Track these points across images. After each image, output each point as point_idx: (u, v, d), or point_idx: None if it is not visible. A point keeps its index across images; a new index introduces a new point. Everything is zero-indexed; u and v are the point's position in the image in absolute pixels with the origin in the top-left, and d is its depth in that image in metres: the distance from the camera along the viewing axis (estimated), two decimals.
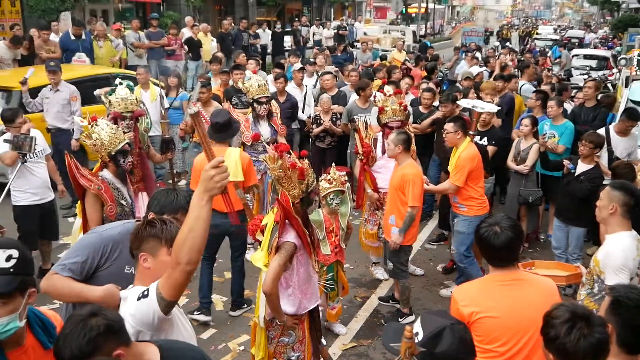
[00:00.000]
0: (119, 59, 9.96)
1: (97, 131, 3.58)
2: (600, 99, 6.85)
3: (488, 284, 2.41)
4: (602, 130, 5.42)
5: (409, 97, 6.83)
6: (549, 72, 10.75)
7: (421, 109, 6.42)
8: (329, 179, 3.81)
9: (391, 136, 4.34)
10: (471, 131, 4.71)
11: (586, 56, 16.40)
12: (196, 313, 4.30)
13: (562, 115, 5.84)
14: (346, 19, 24.84)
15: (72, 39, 9.37)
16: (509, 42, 25.63)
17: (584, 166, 4.78)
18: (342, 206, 3.88)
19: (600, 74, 13.81)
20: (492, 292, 2.33)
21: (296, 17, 20.35)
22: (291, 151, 3.00)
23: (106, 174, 3.57)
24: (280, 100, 6.30)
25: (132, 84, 4.77)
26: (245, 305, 4.46)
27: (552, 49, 19.36)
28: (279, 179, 2.95)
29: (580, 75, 13.84)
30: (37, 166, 4.70)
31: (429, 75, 9.03)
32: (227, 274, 4.77)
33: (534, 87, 7.89)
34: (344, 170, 3.92)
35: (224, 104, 6.36)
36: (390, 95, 4.90)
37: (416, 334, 1.71)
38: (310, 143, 6.71)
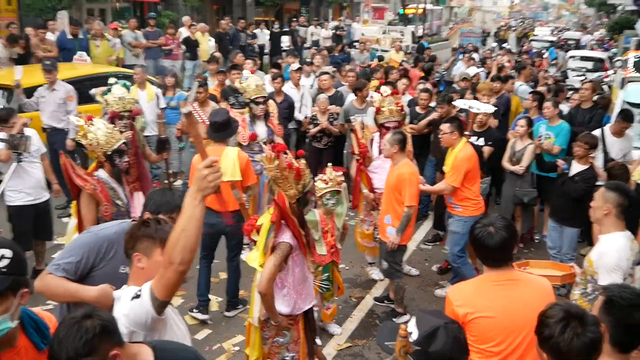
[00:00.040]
0: (115, 58, 9.94)
1: (93, 131, 3.57)
2: (596, 100, 6.88)
3: (483, 284, 2.41)
4: (597, 132, 5.45)
5: (406, 98, 6.84)
6: (546, 74, 10.78)
7: (418, 109, 6.43)
8: (325, 179, 3.81)
9: (387, 136, 4.36)
10: (467, 132, 4.72)
11: (582, 58, 16.45)
12: (194, 311, 4.32)
13: (558, 116, 5.87)
14: (344, 20, 24.83)
15: (69, 38, 9.34)
16: (506, 43, 25.68)
17: (578, 167, 4.81)
18: (338, 206, 3.89)
19: (596, 75, 13.84)
20: (486, 292, 2.33)
21: (294, 18, 20.31)
22: (288, 151, 3.00)
23: (102, 173, 3.56)
24: (277, 100, 6.30)
25: (129, 83, 4.77)
26: (241, 306, 4.46)
27: (548, 51, 19.42)
28: (275, 179, 2.95)
29: (577, 76, 13.87)
30: (32, 166, 4.67)
31: (426, 76, 9.05)
32: (223, 275, 4.76)
33: (531, 88, 7.89)
34: (340, 171, 3.92)
35: (221, 104, 6.36)
36: (387, 95, 4.90)
37: (410, 333, 1.72)
38: (307, 143, 6.71)
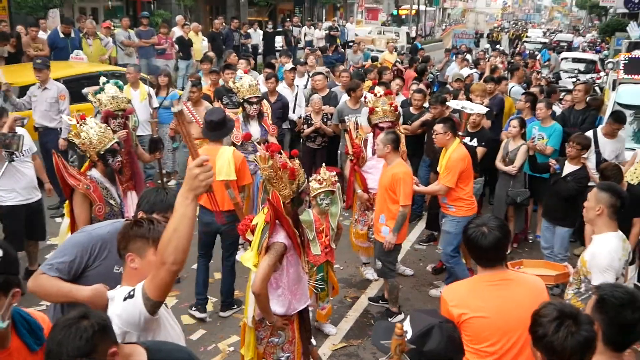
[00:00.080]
0: (108, 57, 9.88)
1: (86, 130, 3.55)
2: (589, 101, 6.93)
3: (477, 284, 2.42)
4: (590, 133, 5.49)
5: (399, 98, 6.86)
6: (538, 75, 10.87)
7: (412, 110, 6.45)
8: (319, 179, 3.81)
9: (380, 136, 4.36)
10: (460, 132, 4.74)
11: (574, 59, 16.59)
12: (192, 309, 4.33)
13: (550, 117, 5.91)
14: (338, 20, 24.87)
15: (61, 36, 9.27)
16: (499, 44, 25.85)
17: (571, 167, 4.85)
18: (333, 206, 3.89)
19: (588, 77, 13.97)
20: (480, 292, 2.34)
21: (288, 18, 20.34)
22: (282, 151, 2.99)
23: (95, 173, 3.54)
24: (271, 100, 6.28)
25: (121, 82, 4.74)
26: (235, 306, 4.45)
27: (541, 52, 19.56)
28: (269, 179, 2.94)
29: (569, 78, 13.98)
30: (24, 165, 4.62)
31: (420, 76, 9.07)
32: (217, 275, 4.74)
33: (524, 90, 7.95)
34: (334, 171, 3.93)
35: (214, 103, 6.33)
36: (380, 96, 4.91)
37: (405, 332, 1.72)
38: (301, 143, 6.71)
